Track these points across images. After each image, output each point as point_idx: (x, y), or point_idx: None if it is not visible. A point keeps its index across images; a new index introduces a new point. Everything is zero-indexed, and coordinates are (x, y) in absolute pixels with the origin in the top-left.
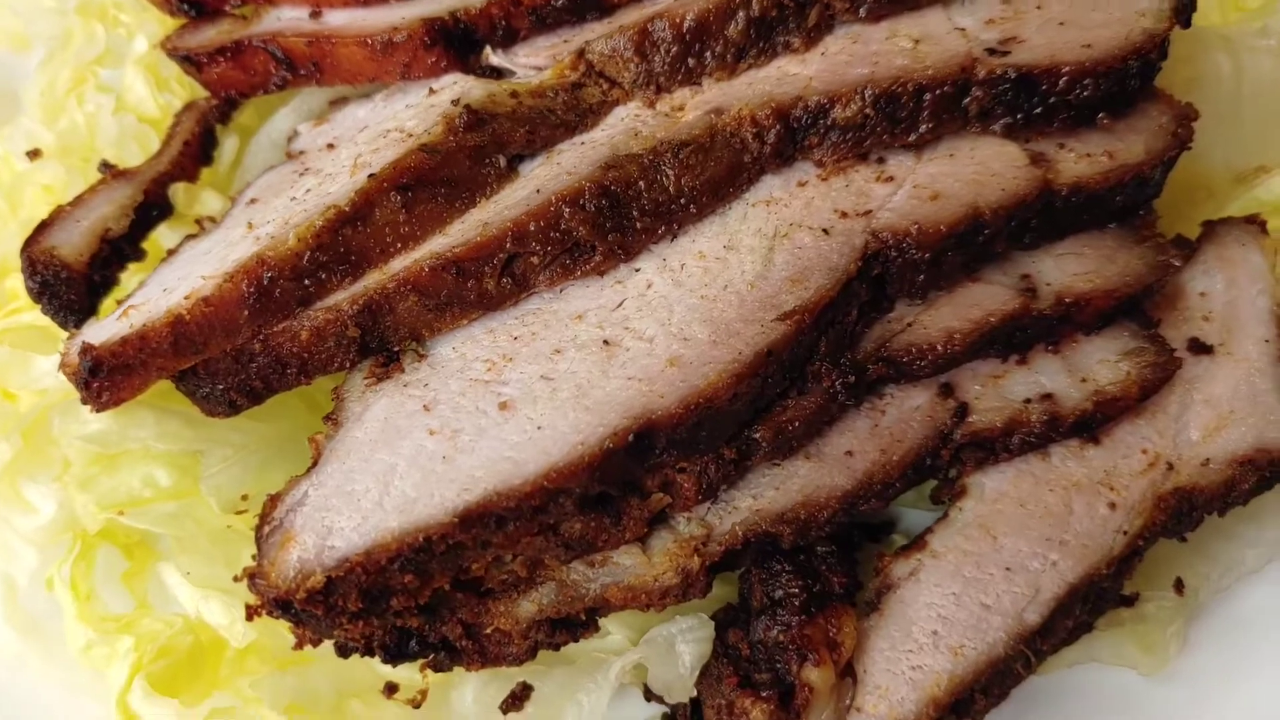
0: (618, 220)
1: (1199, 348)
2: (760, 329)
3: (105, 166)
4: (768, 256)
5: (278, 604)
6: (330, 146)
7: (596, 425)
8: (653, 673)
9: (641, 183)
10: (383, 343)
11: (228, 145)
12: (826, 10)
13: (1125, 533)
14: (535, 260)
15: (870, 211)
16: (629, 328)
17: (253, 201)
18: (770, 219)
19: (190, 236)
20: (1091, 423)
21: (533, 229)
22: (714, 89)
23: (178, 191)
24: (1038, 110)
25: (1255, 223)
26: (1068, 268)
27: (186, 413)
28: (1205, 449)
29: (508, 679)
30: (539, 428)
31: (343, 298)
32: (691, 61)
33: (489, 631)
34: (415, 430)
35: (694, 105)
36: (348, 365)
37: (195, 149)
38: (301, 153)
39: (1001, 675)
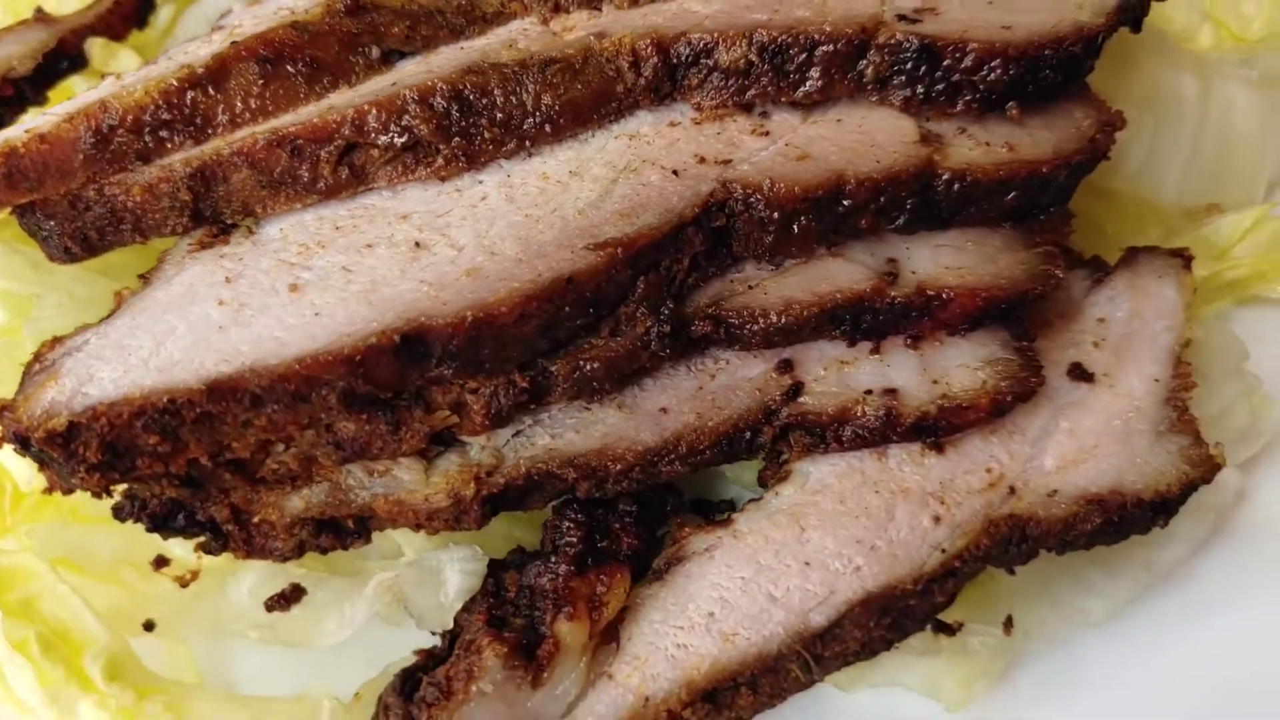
0: (465, 126)
1: (1079, 374)
2: (569, 255)
3: (39, 11)
4: (609, 188)
5: (17, 438)
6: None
7: (370, 320)
8: (412, 596)
9: (498, 92)
10: (215, 213)
11: (164, 13)
12: None
13: (943, 550)
14: (375, 154)
15: (730, 161)
16: (446, 234)
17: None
18: (627, 153)
19: None
20: (934, 429)
21: (374, 119)
22: (611, 15)
23: (95, 46)
24: (940, 87)
25: (1179, 256)
26: (942, 259)
27: (35, 255)
28: (1056, 480)
29: (290, 579)
30: (316, 314)
31: (179, 159)
32: None
33: (256, 520)
34: (209, 299)
35: (582, 27)
36: (180, 230)
37: (129, 9)
38: (219, 27)
39: (773, 673)
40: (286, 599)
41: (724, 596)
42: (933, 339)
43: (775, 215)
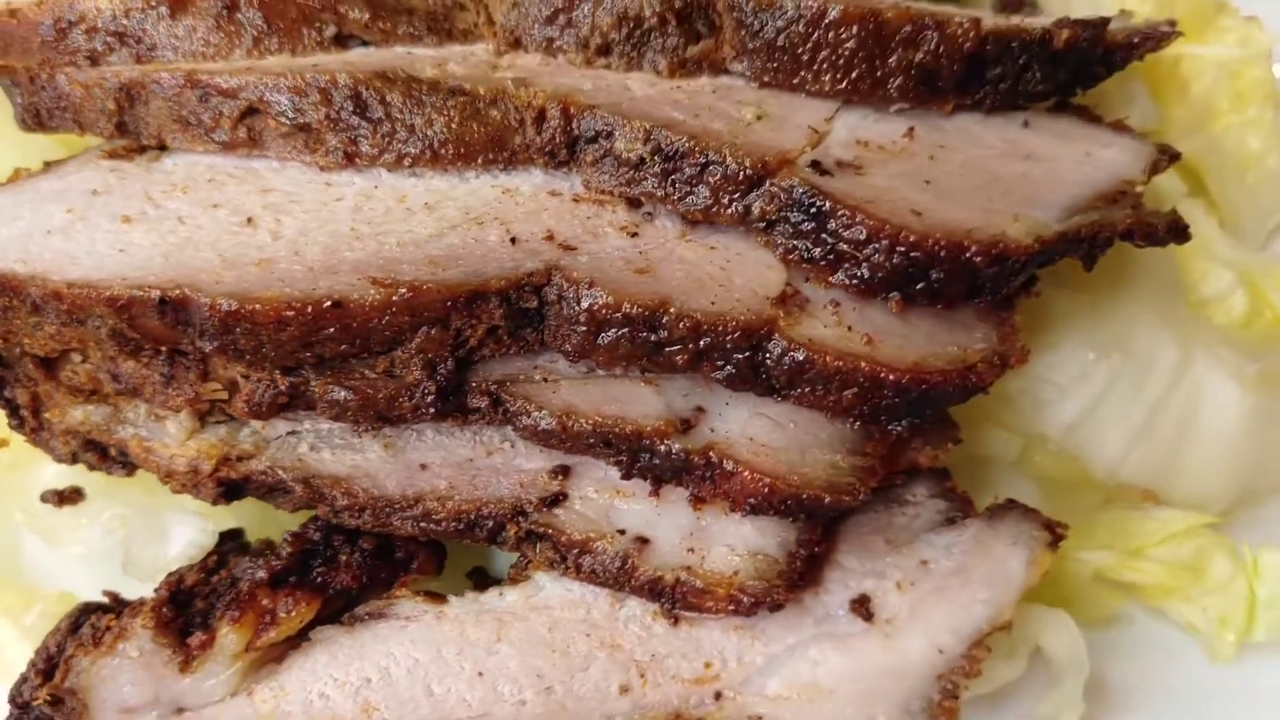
0: (353, 126)
1: (862, 609)
2: (353, 281)
3: None
4: (444, 232)
5: None
6: None
7: (149, 273)
8: (131, 540)
9: (396, 105)
10: (135, 131)
11: None
12: (713, 49)
13: None
14: (272, 124)
15: (575, 249)
16: (280, 220)
17: None
18: (490, 205)
19: None
20: (669, 598)
21: (277, 92)
22: (552, 67)
23: None
24: (820, 250)
25: (1050, 530)
26: (753, 429)
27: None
28: (768, 709)
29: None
30: (120, 250)
31: (115, 71)
32: (553, 32)
33: (46, 415)
34: (64, 203)
35: (517, 71)
36: (107, 135)
37: None
38: None
39: None
40: (61, 497)
41: (390, 669)
42: (716, 504)
43: (585, 319)
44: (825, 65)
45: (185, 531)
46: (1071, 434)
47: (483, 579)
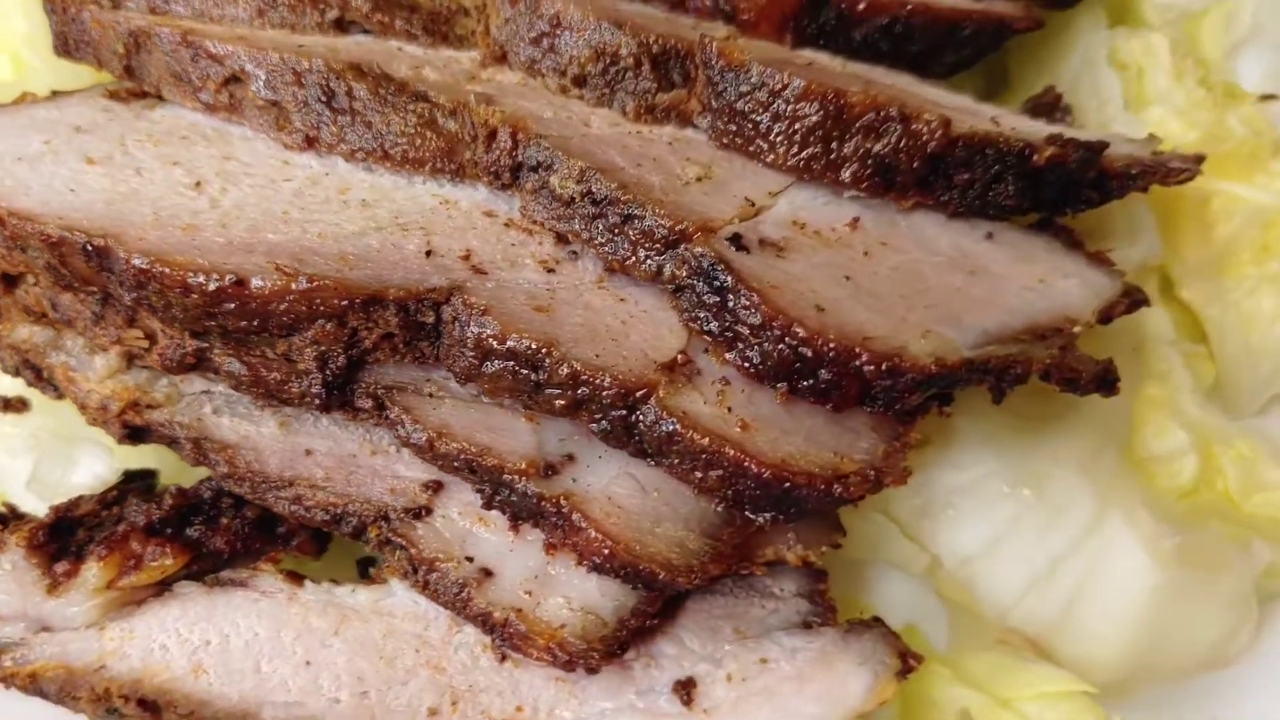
0: (317, 113)
1: (681, 690)
2: (262, 262)
3: None
4: (367, 230)
5: None
6: None
7: (87, 216)
8: (41, 460)
9: (361, 101)
10: (140, 78)
11: None
12: (684, 100)
13: None
14: (250, 95)
15: (486, 274)
16: (228, 189)
17: None
18: (425, 214)
19: None
20: (498, 634)
21: (255, 64)
22: (530, 89)
23: None
24: (719, 325)
25: (904, 659)
26: (616, 487)
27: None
28: None
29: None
30: (71, 190)
31: (129, 17)
32: (537, 54)
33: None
34: (44, 135)
35: (488, 87)
36: (117, 75)
37: None
38: None
39: None
40: (6, 404)
41: (230, 638)
42: (567, 551)
43: (473, 345)
44: (781, 138)
45: (94, 464)
46: (968, 564)
47: (368, 570)
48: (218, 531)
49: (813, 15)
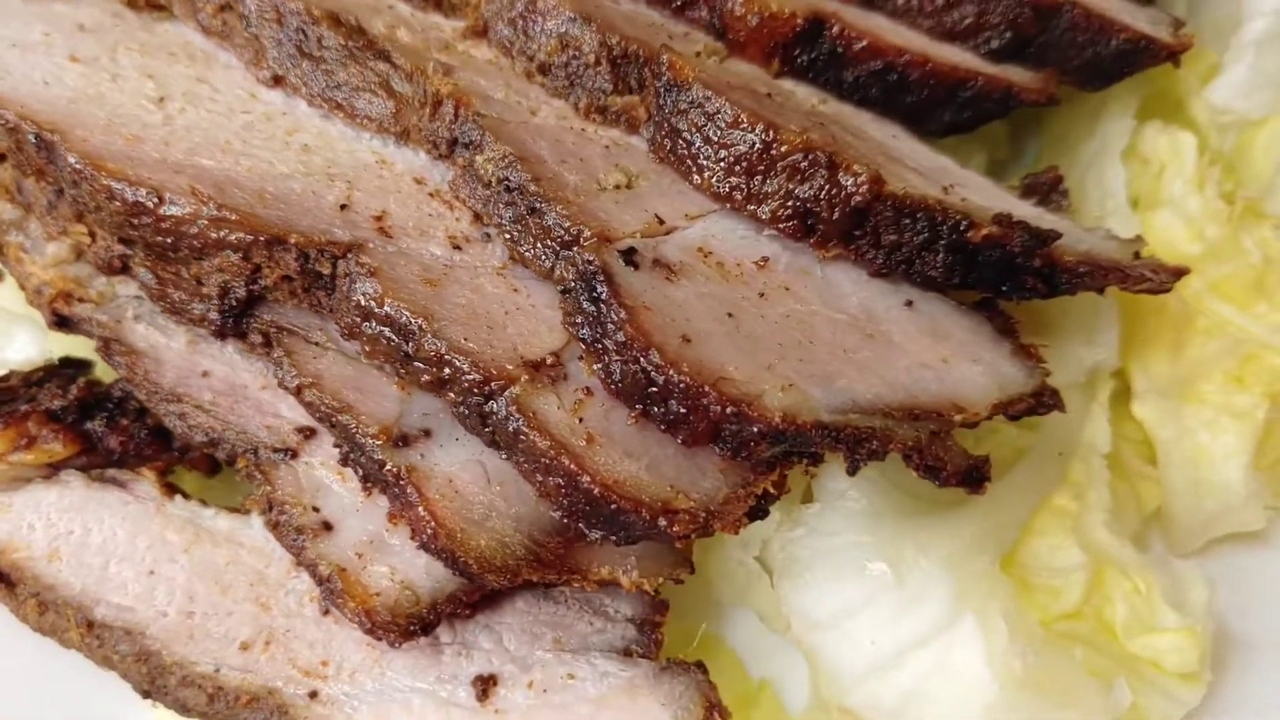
0: (288, 54)
1: (479, 685)
2: (183, 183)
3: None
4: (297, 172)
5: None
6: None
7: (48, 109)
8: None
9: (328, 49)
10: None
11: None
12: (635, 106)
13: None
14: (238, 24)
15: (392, 238)
16: (187, 110)
17: None
18: (356, 169)
19: None
20: (324, 588)
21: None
22: (499, 68)
23: None
24: (593, 335)
25: (708, 707)
26: (460, 472)
27: None
28: None
29: None
30: (45, 82)
31: None
32: (512, 35)
33: None
34: (54, 26)
35: (466, 59)
36: None
37: None
38: None
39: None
40: None
41: (91, 532)
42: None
43: (356, 303)
44: (709, 161)
45: (28, 343)
46: (815, 631)
47: None
48: (115, 430)
49: (805, 47)
